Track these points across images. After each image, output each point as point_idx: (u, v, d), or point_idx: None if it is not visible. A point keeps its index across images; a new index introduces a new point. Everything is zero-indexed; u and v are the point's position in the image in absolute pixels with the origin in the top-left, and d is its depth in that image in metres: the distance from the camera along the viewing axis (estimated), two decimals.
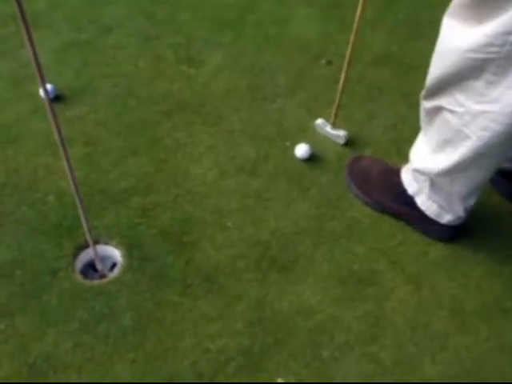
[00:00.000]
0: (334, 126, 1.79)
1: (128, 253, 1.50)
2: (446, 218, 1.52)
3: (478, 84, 1.22)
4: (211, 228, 1.55)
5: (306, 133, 1.83)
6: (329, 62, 2.08)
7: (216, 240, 1.53)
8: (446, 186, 1.45)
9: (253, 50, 2.12)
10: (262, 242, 1.54)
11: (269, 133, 1.81)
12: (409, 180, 1.55)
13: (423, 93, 1.40)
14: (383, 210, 1.62)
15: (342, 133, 1.78)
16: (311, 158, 1.73)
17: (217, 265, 1.48)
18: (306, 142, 1.75)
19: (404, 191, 1.57)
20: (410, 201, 1.56)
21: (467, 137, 1.29)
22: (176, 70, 2.01)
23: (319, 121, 1.81)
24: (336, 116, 1.76)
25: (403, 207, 1.58)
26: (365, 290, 1.46)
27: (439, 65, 1.30)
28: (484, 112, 1.23)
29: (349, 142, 1.80)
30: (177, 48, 2.10)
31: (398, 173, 1.60)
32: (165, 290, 1.43)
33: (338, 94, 1.68)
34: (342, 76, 1.63)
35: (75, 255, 1.50)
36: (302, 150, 1.73)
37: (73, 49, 2.07)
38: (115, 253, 1.52)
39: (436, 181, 1.46)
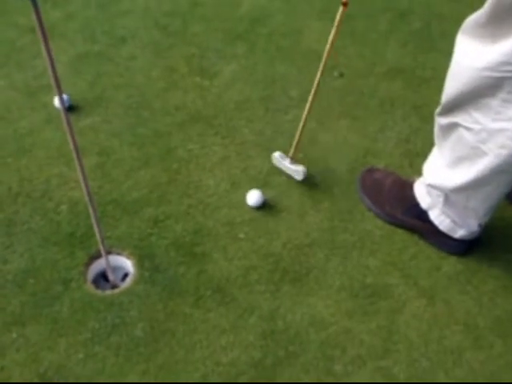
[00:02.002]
0: (293, 160, 1.68)
1: (140, 263, 1.50)
2: (460, 233, 1.51)
3: (494, 102, 1.22)
4: (223, 239, 1.55)
5: (318, 144, 1.82)
6: (341, 74, 2.08)
7: (228, 251, 1.53)
8: (461, 202, 1.44)
9: (265, 61, 2.12)
10: (274, 254, 1.53)
11: (281, 144, 1.81)
12: (422, 194, 1.54)
13: (438, 109, 1.40)
14: (395, 222, 1.61)
15: (300, 168, 1.67)
16: (264, 206, 1.63)
17: (229, 276, 1.48)
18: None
19: (417, 204, 1.55)
20: (422, 215, 1.55)
21: (484, 154, 1.28)
22: (189, 82, 2.02)
23: (276, 154, 1.70)
24: (296, 149, 1.64)
25: (416, 221, 1.57)
26: (377, 303, 1.45)
27: (455, 83, 1.30)
28: (502, 130, 1.23)
29: (361, 155, 1.80)
30: (190, 59, 2.11)
31: (411, 186, 1.59)
32: (176, 301, 1.42)
33: (299, 131, 1.60)
34: (304, 115, 1.57)
35: (87, 265, 1.50)
36: (253, 197, 1.63)
37: (87, 59, 2.08)
38: (127, 263, 1.52)
39: (451, 196, 1.45)
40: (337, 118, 1.91)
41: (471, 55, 1.23)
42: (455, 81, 1.30)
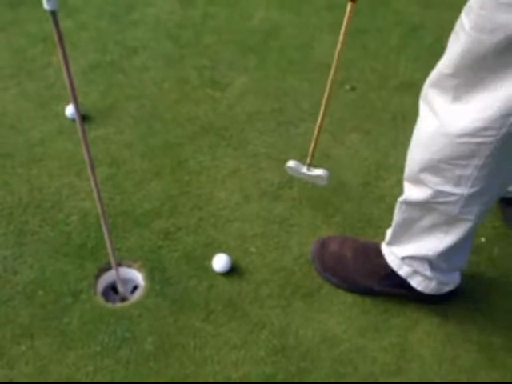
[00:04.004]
0: (311, 166, 1.46)
1: (150, 276, 1.49)
2: (446, 290, 1.41)
3: (469, 170, 1.10)
4: (234, 253, 1.54)
5: (330, 158, 1.81)
6: (353, 88, 2.08)
7: (239, 265, 1.52)
8: (445, 264, 1.33)
9: (277, 74, 2.12)
10: (286, 269, 1.52)
11: (293, 157, 1.79)
12: (397, 263, 1.39)
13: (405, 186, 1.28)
14: (374, 294, 1.46)
15: (321, 172, 1.44)
16: (231, 270, 1.50)
17: (240, 290, 1.46)
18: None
19: (392, 272, 1.40)
20: (402, 282, 1.40)
21: (465, 220, 1.19)
22: (200, 93, 2.02)
23: (291, 163, 1.48)
24: (313, 155, 1.44)
25: (396, 289, 1.43)
26: (390, 320, 1.43)
27: (423, 150, 1.16)
28: (480, 194, 1.14)
29: (373, 169, 1.79)
30: (201, 71, 2.10)
31: (377, 252, 1.44)
32: (187, 314, 1.41)
33: (315, 136, 1.39)
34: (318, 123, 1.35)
35: (97, 277, 1.49)
36: (220, 262, 1.50)
37: (98, 70, 2.08)
38: (137, 276, 1.51)
39: (434, 261, 1.32)
40: (348, 132, 1.90)
41: (441, 117, 1.10)
42: (423, 147, 1.16)
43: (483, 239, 1.61)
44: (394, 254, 1.39)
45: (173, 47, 2.20)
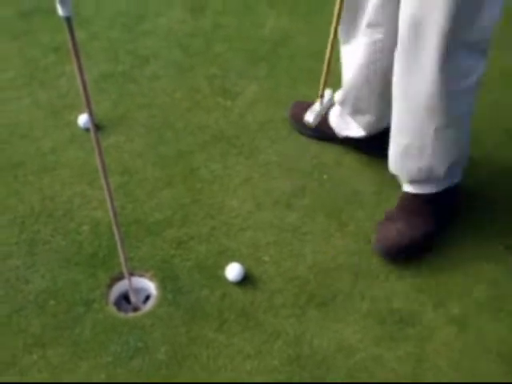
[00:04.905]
0: (322, 98, 1.71)
1: (162, 285, 1.48)
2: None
3: None
4: (247, 261, 1.52)
5: (342, 166, 1.80)
6: None
7: (252, 274, 1.50)
8: None
9: (288, 82, 2.11)
10: (300, 277, 1.50)
11: (305, 166, 1.79)
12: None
13: None
14: None
15: (329, 94, 1.75)
16: (245, 279, 1.49)
17: (253, 300, 1.45)
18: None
19: None
20: None
21: None
22: (212, 102, 2.01)
23: (308, 115, 1.69)
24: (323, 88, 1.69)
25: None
26: (406, 329, 1.41)
27: None
28: None
29: (387, 176, 1.77)
30: (212, 80, 2.10)
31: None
32: (200, 324, 1.40)
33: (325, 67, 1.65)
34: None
35: (109, 286, 1.48)
36: (233, 271, 1.48)
37: (110, 79, 2.08)
38: (149, 285, 1.50)
39: None
40: None
41: None
42: None
43: (501, 247, 1.58)
44: None
45: (184, 56, 2.20)
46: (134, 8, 2.44)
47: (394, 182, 1.74)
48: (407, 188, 1.59)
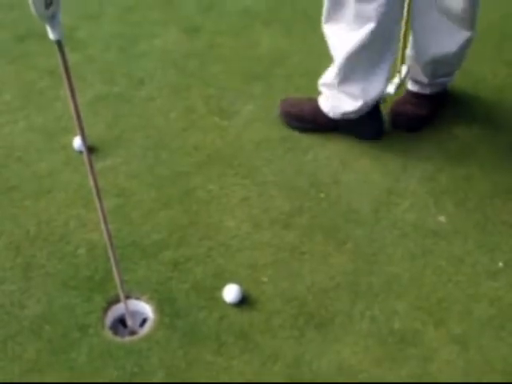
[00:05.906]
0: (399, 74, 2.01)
1: (159, 308, 1.46)
2: None
3: None
4: (245, 282, 1.50)
5: (339, 184, 1.79)
6: None
7: (250, 295, 1.48)
8: None
9: None
10: (298, 298, 1.48)
11: (302, 184, 1.78)
12: None
13: None
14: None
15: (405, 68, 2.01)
16: (243, 301, 1.47)
17: (251, 321, 1.43)
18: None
19: None
20: None
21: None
22: (207, 122, 2.01)
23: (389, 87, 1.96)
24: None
25: None
26: (407, 349, 1.39)
27: None
28: None
29: (383, 194, 1.76)
30: (208, 100, 2.10)
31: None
32: (198, 347, 1.37)
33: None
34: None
35: (105, 310, 1.46)
36: (231, 292, 1.47)
37: (105, 101, 2.08)
38: (146, 308, 1.48)
39: None
40: (358, 158, 1.88)
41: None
42: None
43: (501, 264, 1.57)
44: None
45: (179, 77, 2.21)
46: (130, 30, 2.45)
47: (390, 199, 1.74)
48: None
